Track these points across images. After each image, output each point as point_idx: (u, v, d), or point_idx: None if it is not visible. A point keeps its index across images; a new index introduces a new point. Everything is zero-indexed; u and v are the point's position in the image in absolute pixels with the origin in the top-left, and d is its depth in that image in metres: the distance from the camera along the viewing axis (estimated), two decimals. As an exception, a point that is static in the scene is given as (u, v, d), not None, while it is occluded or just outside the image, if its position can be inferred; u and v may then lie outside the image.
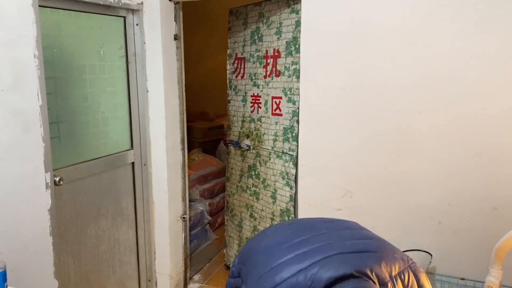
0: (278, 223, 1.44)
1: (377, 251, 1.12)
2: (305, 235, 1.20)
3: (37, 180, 1.95)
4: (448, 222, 2.21)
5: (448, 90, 2.10)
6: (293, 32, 2.46)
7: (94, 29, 2.31)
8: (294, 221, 1.39)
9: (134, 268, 2.74)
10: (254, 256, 1.24)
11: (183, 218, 2.93)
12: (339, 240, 1.16)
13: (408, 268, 1.12)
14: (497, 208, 2.10)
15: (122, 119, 2.56)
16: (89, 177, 2.34)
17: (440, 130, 2.15)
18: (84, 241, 2.34)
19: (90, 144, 2.34)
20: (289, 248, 1.15)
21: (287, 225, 1.34)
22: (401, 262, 1.12)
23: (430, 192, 2.21)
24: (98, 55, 2.34)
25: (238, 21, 2.91)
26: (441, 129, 2.14)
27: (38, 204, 1.96)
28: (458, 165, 2.14)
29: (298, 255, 1.11)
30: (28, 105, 1.88)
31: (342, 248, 1.11)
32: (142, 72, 2.59)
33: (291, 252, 1.13)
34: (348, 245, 1.13)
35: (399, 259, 1.12)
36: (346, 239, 1.17)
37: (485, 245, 2.15)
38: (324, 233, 1.20)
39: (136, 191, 2.68)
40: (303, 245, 1.14)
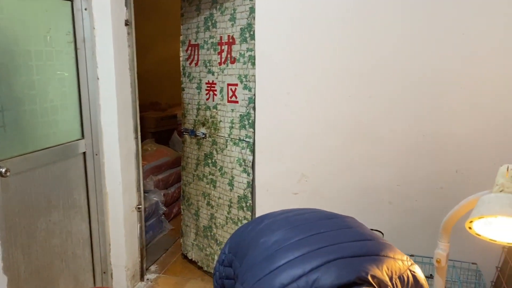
0: (270, 214, 1.40)
1: (378, 254, 1.12)
2: (303, 233, 1.18)
3: (-18, 172, 1.84)
4: (397, 202, 2.32)
5: (396, 74, 2.19)
6: (247, 18, 2.46)
7: (39, 13, 2.20)
8: (290, 213, 1.35)
9: (88, 261, 2.66)
10: (250, 251, 1.21)
11: (138, 209, 2.88)
12: (338, 241, 1.15)
13: (408, 270, 1.14)
14: (442, 187, 2.23)
15: (71, 108, 2.46)
16: (38, 168, 2.24)
17: (389, 114, 2.23)
18: (35, 234, 2.24)
19: (38, 133, 2.24)
20: (288, 249, 1.12)
21: (283, 219, 1.31)
22: (401, 264, 1.13)
23: (381, 174, 2.31)
24: (44, 41, 2.23)
25: (191, 7, 2.87)
26: (390, 112, 2.23)
27: (-17, 196, 1.86)
28: (406, 147, 2.25)
29: (298, 258, 1.08)
30: (-30, 92, 1.77)
31: (342, 251, 1.11)
32: (92, 59, 2.50)
33: (290, 254, 1.10)
34: (349, 247, 1.13)
35: (399, 261, 1.13)
36: (346, 240, 1.16)
37: (432, 223, 2.28)
38: (323, 232, 1.19)
39: (88, 182, 2.59)
40: (302, 245, 1.12)
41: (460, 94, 2.11)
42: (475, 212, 1.12)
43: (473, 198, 1.29)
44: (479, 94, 2.09)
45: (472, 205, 1.30)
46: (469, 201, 1.33)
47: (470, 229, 1.17)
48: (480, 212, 1.09)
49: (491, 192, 1.15)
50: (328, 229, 1.22)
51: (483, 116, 2.10)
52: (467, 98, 2.11)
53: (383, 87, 2.22)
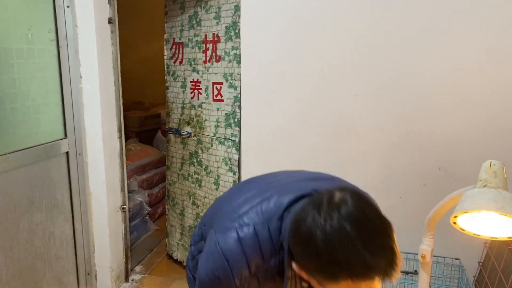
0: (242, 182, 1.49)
1: (333, 180, 1.27)
2: (264, 183, 1.27)
3: (-38, 172, 1.80)
4: (381, 199, 2.32)
5: (380, 73, 2.21)
6: (232, 17, 2.46)
7: (20, 10, 2.16)
8: (262, 176, 1.39)
9: (71, 262, 2.62)
10: (217, 213, 1.25)
11: (122, 209, 2.85)
12: (296, 177, 1.27)
13: None
14: (426, 184, 2.26)
15: (54, 107, 2.42)
16: (19, 168, 2.19)
17: (374, 112, 2.26)
18: (16, 236, 2.20)
19: (20, 133, 2.20)
20: (251, 190, 1.20)
21: (253, 180, 1.36)
22: None
23: (365, 171, 2.33)
24: (26, 38, 2.19)
25: (175, 5, 2.85)
26: (375, 110, 2.25)
27: (-37, 197, 1.82)
28: (390, 145, 2.27)
29: (259, 191, 1.16)
30: (-52, 91, 1.73)
31: (300, 178, 1.25)
32: (74, 57, 2.46)
33: (253, 190, 1.19)
34: (305, 176, 1.26)
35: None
36: (303, 175, 1.30)
37: (416, 220, 2.30)
38: (280, 179, 1.28)
39: (71, 182, 2.55)
40: (265, 188, 1.19)
41: (443, 92, 2.15)
42: (459, 207, 1.14)
43: (457, 193, 1.31)
44: (461, 92, 2.13)
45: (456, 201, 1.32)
46: (453, 197, 1.35)
47: (455, 224, 1.18)
48: (464, 207, 1.11)
49: (475, 188, 1.17)
50: (287, 175, 1.31)
51: (465, 114, 2.14)
52: (450, 96, 2.14)
53: (368, 86, 2.24)
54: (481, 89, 2.10)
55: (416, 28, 2.12)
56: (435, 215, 1.49)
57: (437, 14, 2.08)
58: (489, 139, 2.13)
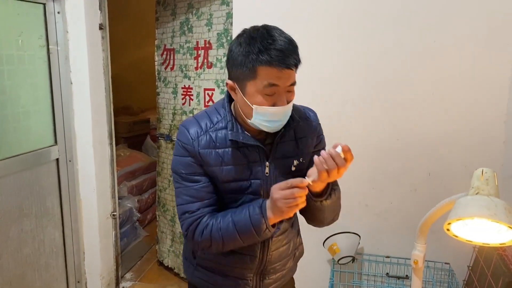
0: None
1: None
2: None
3: (-49, 180, 1.77)
4: (373, 204, 2.37)
5: (371, 80, 2.24)
6: (224, 24, 2.47)
7: (10, 16, 2.14)
8: None
9: (61, 270, 2.59)
10: None
11: (113, 216, 2.83)
12: None
13: None
14: (416, 190, 2.29)
15: (44, 113, 2.40)
16: (9, 175, 2.17)
17: (364, 118, 2.28)
18: (6, 244, 2.17)
19: (9, 140, 2.17)
20: None
21: None
22: None
23: (356, 177, 2.35)
24: (16, 45, 2.17)
25: (166, 12, 2.85)
26: (365, 117, 2.28)
27: (-48, 206, 1.79)
28: (380, 151, 2.30)
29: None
30: None
31: None
32: (65, 63, 2.44)
33: None
34: None
35: None
36: None
37: (406, 225, 2.34)
38: None
39: (61, 189, 2.53)
40: None
41: (432, 100, 2.18)
42: (453, 214, 1.16)
43: (450, 200, 1.34)
44: (450, 100, 2.17)
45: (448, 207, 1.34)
46: (445, 204, 1.37)
47: (448, 230, 1.20)
48: (458, 214, 1.13)
49: (467, 195, 1.19)
50: None
51: (454, 121, 2.18)
52: (439, 103, 2.18)
53: (358, 92, 2.27)
54: (469, 97, 2.15)
55: (406, 37, 2.16)
56: (428, 221, 1.51)
57: (427, 23, 2.12)
58: (477, 145, 2.18)
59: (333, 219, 1.32)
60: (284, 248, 1.39)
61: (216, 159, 1.21)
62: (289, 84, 1.15)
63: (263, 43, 1.10)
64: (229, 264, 1.34)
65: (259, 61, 1.09)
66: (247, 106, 1.16)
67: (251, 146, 1.23)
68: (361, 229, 2.35)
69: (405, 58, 2.18)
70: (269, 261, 1.36)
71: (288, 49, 1.11)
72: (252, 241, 1.22)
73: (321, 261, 2.50)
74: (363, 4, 2.18)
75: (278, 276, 1.42)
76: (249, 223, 1.16)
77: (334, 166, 1.08)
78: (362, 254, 2.40)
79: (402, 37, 2.16)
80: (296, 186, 1.10)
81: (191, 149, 1.22)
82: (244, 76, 1.13)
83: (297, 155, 1.29)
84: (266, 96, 1.13)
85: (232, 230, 1.18)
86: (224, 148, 1.22)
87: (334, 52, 2.26)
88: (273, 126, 1.18)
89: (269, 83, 1.11)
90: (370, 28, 2.20)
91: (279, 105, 1.14)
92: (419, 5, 2.12)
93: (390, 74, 2.21)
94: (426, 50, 2.15)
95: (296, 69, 1.16)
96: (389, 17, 2.17)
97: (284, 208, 1.10)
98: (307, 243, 2.48)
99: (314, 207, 1.22)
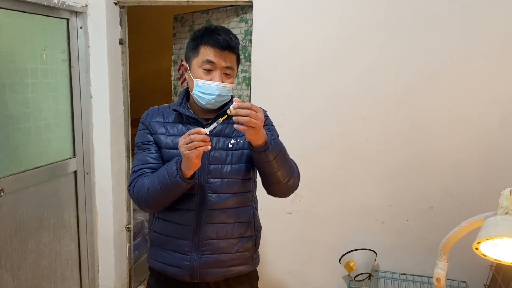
0: None
1: None
2: None
3: (-23, 192, 1.80)
4: (390, 221, 2.38)
5: (388, 97, 2.27)
6: (242, 40, 2.51)
7: (36, 31, 2.18)
8: None
9: (76, 282, 2.60)
10: None
11: (127, 228, 2.84)
12: None
13: None
14: (432, 207, 2.30)
15: (64, 126, 2.43)
16: (30, 187, 2.19)
17: (382, 135, 2.31)
18: (25, 256, 2.18)
19: (31, 152, 2.20)
20: None
21: None
22: None
23: (373, 194, 2.37)
24: (40, 59, 2.21)
25: (184, 28, 2.90)
26: (382, 134, 2.31)
27: (-23, 217, 1.81)
28: (397, 168, 2.32)
29: None
30: (-33, 110, 1.73)
31: None
32: (86, 77, 2.48)
33: None
34: None
35: None
36: None
37: (422, 242, 2.35)
38: None
39: (78, 201, 2.55)
40: None
41: (450, 118, 2.21)
42: (483, 233, 1.17)
43: (476, 219, 1.35)
44: (468, 117, 2.20)
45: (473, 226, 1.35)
46: (470, 223, 1.38)
47: (477, 249, 1.22)
48: (489, 234, 1.14)
49: (496, 215, 1.21)
50: None
51: (471, 138, 2.20)
52: (456, 121, 2.21)
53: (375, 109, 2.29)
54: (486, 115, 2.17)
55: (424, 55, 2.19)
56: (451, 239, 1.52)
57: (444, 42, 2.16)
58: (494, 163, 2.19)
59: (289, 181, 1.42)
60: (225, 227, 1.46)
61: (162, 128, 1.46)
62: (225, 66, 1.39)
63: (207, 30, 1.41)
64: (168, 234, 1.47)
65: (201, 42, 1.39)
66: (191, 80, 1.42)
67: (193, 121, 1.45)
68: (377, 246, 2.36)
69: (423, 76, 2.21)
70: (204, 233, 1.43)
71: (225, 37, 1.38)
72: (172, 192, 1.35)
73: (336, 278, 2.50)
74: (380, 22, 2.22)
75: (218, 259, 1.46)
76: (165, 172, 1.34)
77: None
78: (378, 271, 2.40)
79: (419, 55, 2.20)
80: (194, 134, 1.26)
81: (145, 122, 1.50)
82: (191, 54, 1.43)
83: (236, 136, 1.46)
84: (204, 71, 1.39)
85: (154, 180, 1.36)
86: (171, 121, 1.48)
87: (350, 69, 2.29)
88: (208, 99, 1.40)
89: (207, 59, 1.37)
90: (387, 46, 2.23)
91: (214, 81, 1.38)
92: (436, 24, 2.16)
93: (407, 92, 2.24)
94: (443, 68, 2.18)
95: (233, 54, 1.41)
96: (406, 35, 2.20)
97: (185, 152, 1.25)
98: (323, 259, 2.50)
99: (263, 163, 1.34)
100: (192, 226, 1.44)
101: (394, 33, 2.22)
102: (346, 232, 2.42)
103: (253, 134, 1.25)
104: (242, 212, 1.50)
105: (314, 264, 2.51)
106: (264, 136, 1.29)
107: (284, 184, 1.41)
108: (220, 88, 1.39)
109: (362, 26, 2.25)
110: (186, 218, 1.44)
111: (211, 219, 1.44)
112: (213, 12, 2.68)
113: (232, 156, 1.45)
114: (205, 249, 1.45)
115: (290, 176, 1.41)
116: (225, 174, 1.44)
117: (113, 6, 2.52)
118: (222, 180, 1.44)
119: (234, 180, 1.45)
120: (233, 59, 1.42)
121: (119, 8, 2.58)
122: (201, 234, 1.44)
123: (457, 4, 2.13)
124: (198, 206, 1.43)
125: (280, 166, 1.36)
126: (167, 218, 1.47)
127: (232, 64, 1.42)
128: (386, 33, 2.23)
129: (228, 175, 1.44)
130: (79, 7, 2.38)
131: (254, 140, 1.28)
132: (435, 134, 2.24)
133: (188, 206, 1.43)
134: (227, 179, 1.44)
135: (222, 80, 1.40)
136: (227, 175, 1.44)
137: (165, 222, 1.47)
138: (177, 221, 1.45)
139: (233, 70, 1.43)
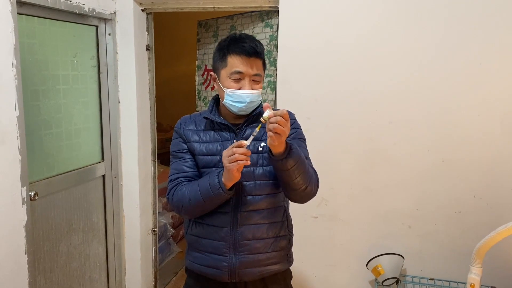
0: None
1: None
2: None
3: (13, 195, 1.85)
4: (417, 226, 2.36)
5: (416, 101, 2.26)
6: (267, 45, 2.53)
7: (67, 38, 2.24)
8: None
9: (104, 285, 2.63)
10: None
11: (153, 232, 2.87)
12: None
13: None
14: (461, 211, 2.28)
15: (93, 131, 2.48)
16: (61, 191, 2.24)
17: (409, 139, 2.29)
18: (56, 258, 2.23)
19: (62, 156, 2.25)
20: None
21: None
22: None
23: (400, 198, 2.35)
24: (71, 65, 2.26)
25: (208, 33, 2.93)
26: (410, 138, 2.29)
27: (13, 220, 1.86)
28: (425, 172, 2.30)
29: None
30: (5, 116, 1.78)
31: None
32: (114, 83, 2.53)
33: None
34: None
35: None
36: None
37: (450, 247, 2.32)
38: None
39: (106, 205, 2.59)
40: None
41: (478, 122, 2.19)
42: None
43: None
44: (496, 122, 2.17)
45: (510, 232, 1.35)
46: (507, 228, 1.38)
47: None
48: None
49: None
50: None
51: (500, 143, 2.18)
52: (485, 125, 2.18)
53: (403, 113, 2.28)
54: (516, 119, 2.15)
55: (452, 59, 2.18)
56: (486, 244, 1.52)
57: (473, 45, 2.14)
58: (525, 168, 2.16)
59: (306, 189, 1.44)
60: (260, 227, 1.49)
61: (195, 136, 1.51)
62: (253, 73, 1.43)
63: (232, 39, 1.45)
64: (205, 236, 1.51)
65: (228, 51, 1.43)
66: (221, 90, 1.46)
67: (224, 127, 1.50)
68: (405, 251, 2.34)
69: (451, 80, 2.20)
70: (241, 234, 1.46)
71: (251, 43, 1.42)
72: (213, 201, 1.41)
73: (362, 282, 2.49)
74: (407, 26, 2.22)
75: (256, 258, 1.49)
76: (207, 183, 1.39)
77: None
78: (405, 276, 2.39)
79: (448, 59, 2.19)
80: (236, 147, 1.31)
81: (179, 131, 1.55)
82: (219, 65, 1.47)
83: (265, 139, 1.43)
84: (234, 80, 1.42)
85: (196, 190, 1.41)
86: (203, 129, 1.53)
87: (377, 73, 2.29)
88: (240, 106, 1.44)
89: (235, 70, 1.41)
90: (415, 50, 2.22)
91: (243, 89, 1.42)
92: (464, 28, 2.14)
93: (434, 95, 2.23)
94: (472, 72, 2.17)
95: (259, 60, 1.45)
96: (433, 39, 2.19)
97: (227, 165, 1.30)
98: (349, 263, 2.49)
99: (282, 171, 1.36)
100: (229, 228, 1.47)
101: (422, 37, 2.21)
102: (372, 236, 2.41)
103: (276, 141, 1.27)
104: (275, 212, 1.53)
105: (340, 268, 2.50)
106: (284, 145, 1.32)
107: (301, 191, 1.44)
108: (251, 95, 1.44)
109: (389, 29, 2.24)
110: (222, 220, 1.48)
111: (247, 221, 1.48)
112: (238, 18, 2.70)
113: (263, 159, 1.49)
114: (243, 250, 1.48)
115: (307, 184, 1.44)
116: (258, 176, 1.48)
117: (140, 13, 2.57)
118: (255, 182, 1.48)
119: (266, 181, 1.49)
120: (259, 64, 1.46)
121: (146, 14, 2.62)
122: (238, 235, 1.47)
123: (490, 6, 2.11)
124: (234, 208, 1.47)
125: (297, 174, 1.38)
126: (203, 221, 1.51)
127: (259, 71, 1.46)
128: (414, 37, 2.22)
129: (260, 177, 1.48)
130: (108, 14, 2.43)
131: (275, 147, 1.31)
132: (464, 138, 2.22)
133: (224, 209, 1.47)
134: (259, 181, 1.48)
135: (252, 87, 1.44)
136: (259, 177, 1.48)
137: (202, 225, 1.51)
138: (213, 223, 1.49)
139: (260, 76, 1.47)
